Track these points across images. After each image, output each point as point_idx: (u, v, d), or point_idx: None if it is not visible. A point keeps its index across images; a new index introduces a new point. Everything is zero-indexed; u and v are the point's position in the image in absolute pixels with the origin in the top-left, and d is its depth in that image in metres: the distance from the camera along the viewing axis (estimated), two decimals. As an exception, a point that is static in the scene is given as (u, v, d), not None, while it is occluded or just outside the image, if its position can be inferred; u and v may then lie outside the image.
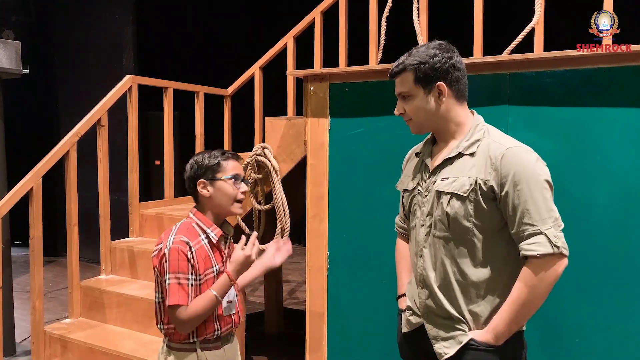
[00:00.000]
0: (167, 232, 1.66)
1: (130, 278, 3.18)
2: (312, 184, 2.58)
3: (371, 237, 2.42)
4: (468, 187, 1.39)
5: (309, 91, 2.56)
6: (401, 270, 1.72)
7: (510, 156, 1.37)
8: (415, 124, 1.51)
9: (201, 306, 1.58)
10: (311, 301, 2.61)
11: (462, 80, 1.47)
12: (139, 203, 3.46)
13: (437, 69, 1.43)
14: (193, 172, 1.69)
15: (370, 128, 2.44)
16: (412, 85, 1.45)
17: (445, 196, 1.43)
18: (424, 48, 1.47)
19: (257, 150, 2.75)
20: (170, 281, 1.57)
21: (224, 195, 1.67)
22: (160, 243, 1.63)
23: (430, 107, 1.45)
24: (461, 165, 1.44)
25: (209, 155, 1.70)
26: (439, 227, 1.45)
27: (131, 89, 3.32)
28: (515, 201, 1.34)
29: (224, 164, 1.68)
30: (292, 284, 5.26)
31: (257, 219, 2.87)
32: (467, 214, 1.40)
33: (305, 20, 3.24)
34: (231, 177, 1.67)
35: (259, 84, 3.65)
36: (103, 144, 3.18)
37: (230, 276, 1.61)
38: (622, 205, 1.90)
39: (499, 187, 1.36)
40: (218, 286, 1.61)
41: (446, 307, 1.44)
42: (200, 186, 1.68)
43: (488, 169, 1.38)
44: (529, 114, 2.06)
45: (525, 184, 1.33)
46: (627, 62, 1.89)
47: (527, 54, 2.07)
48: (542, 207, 1.33)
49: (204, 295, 1.60)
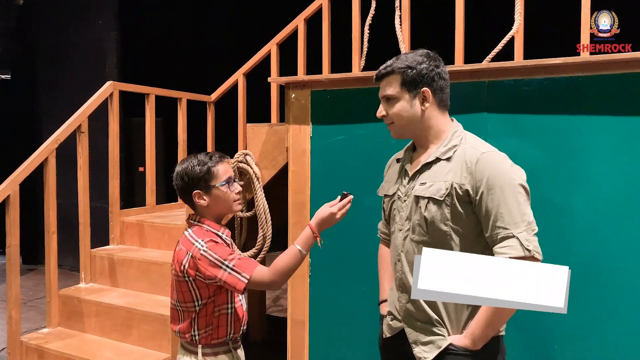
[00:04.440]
0: (186, 242, 1.62)
1: (110, 286, 3.14)
2: (293, 191, 2.57)
3: (353, 244, 2.42)
4: (444, 191, 1.41)
5: (291, 98, 2.56)
6: (383, 276, 1.73)
7: (484, 161, 1.39)
8: (397, 128, 1.52)
9: (286, 261, 1.55)
10: (293, 309, 2.59)
11: (445, 90, 1.50)
12: (120, 210, 3.42)
13: (423, 75, 1.45)
14: (185, 184, 1.66)
15: (351, 135, 2.44)
16: (398, 88, 1.47)
17: (423, 200, 1.45)
18: (412, 54, 1.49)
19: (239, 157, 2.73)
20: (231, 264, 1.55)
21: (221, 201, 1.66)
22: (185, 255, 1.59)
23: (414, 111, 1.47)
24: (438, 170, 1.46)
25: (197, 162, 1.66)
26: (417, 231, 1.46)
27: (112, 95, 3.29)
28: (489, 204, 1.36)
29: (215, 170, 1.65)
30: (276, 291, 5.22)
31: (238, 226, 2.85)
32: (444, 218, 1.41)
33: (288, 27, 3.24)
34: (225, 183, 1.66)
35: (242, 90, 3.64)
36: (83, 150, 3.14)
37: (313, 229, 1.57)
38: (602, 213, 1.92)
39: (474, 191, 1.38)
40: (301, 240, 1.57)
41: (426, 310, 1.45)
42: (196, 197, 1.65)
43: (463, 173, 1.40)
44: (507, 121, 2.08)
45: (498, 187, 1.35)
46: (602, 71, 1.92)
47: (505, 62, 2.10)
48: (514, 211, 1.34)
49: (288, 250, 1.57)
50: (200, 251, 1.57)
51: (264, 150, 2.80)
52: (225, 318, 1.66)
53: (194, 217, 1.70)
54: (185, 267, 1.59)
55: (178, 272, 1.62)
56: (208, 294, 1.62)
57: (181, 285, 1.63)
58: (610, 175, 1.91)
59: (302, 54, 3.13)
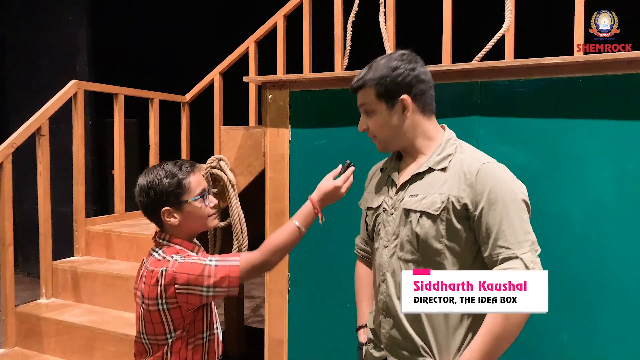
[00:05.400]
0: (156, 263, 1.41)
1: (73, 302, 2.91)
2: (271, 199, 2.39)
3: (336, 258, 2.26)
4: (440, 204, 1.26)
5: (268, 99, 2.38)
6: (361, 299, 1.57)
7: (486, 172, 1.25)
8: (380, 142, 1.38)
9: (281, 239, 1.40)
10: (271, 327, 2.41)
11: (428, 93, 1.35)
12: (86, 219, 3.19)
13: (399, 83, 1.31)
14: (151, 200, 1.43)
15: (333, 139, 2.28)
16: (374, 100, 1.33)
17: (414, 214, 1.29)
18: (385, 60, 1.34)
19: (212, 163, 2.54)
20: (214, 258, 1.39)
21: (195, 218, 1.45)
22: (157, 274, 1.38)
23: (395, 123, 1.33)
24: (432, 181, 1.30)
25: (165, 173, 1.43)
26: (407, 248, 1.31)
27: (77, 95, 3.07)
28: (490, 221, 1.22)
29: (187, 183, 1.44)
30: (256, 300, 5.02)
31: (212, 236, 2.66)
32: (439, 234, 1.26)
33: (267, 24, 3.08)
34: (199, 197, 1.45)
35: (218, 90, 3.46)
36: (43, 155, 2.90)
37: (315, 204, 1.42)
38: (598, 220, 1.81)
39: (473, 205, 1.24)
40: (300, 216, 1.42)
41: (413, 338, 1.29)
42: (165, 215, 1.43)
43: (462, 186, 1.26)
44: (501, 125, 1.95)
45: (501, 202, 1.22)
46: (603, 71, 1.80)
47: (499, 61, 1.96)
48: (518, 229, 1.21)
49: (285, 226, 1.41)
50: (177, 262, 1.38)
51: (240, 155, 2.62)
52: (201, 349, 1.46)
53: (163, 235, 1.48)
54: (161, 287, 1.37)
55: (148, 298, 1.40)
56: (183, 325, 1.42)
57: (152, 316, 1.40)
58: (609, 182, 1.80)
59: (281, 52, 2.97)
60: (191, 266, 1.37)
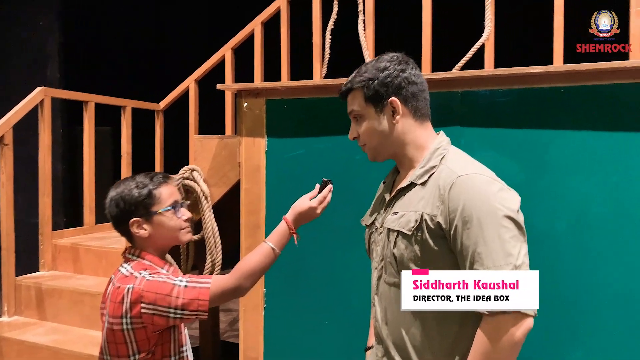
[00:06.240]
0: (123, 279, 1.32)
1: (37, 320, 2.76)
2: (246, 212, 2.30)
3: (313, 273, 2.18)
4: (413, 223, 1.16)
5: (243, 107, 2.29)
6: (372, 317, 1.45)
7: (460, 186, 1.12)
8: (370, 150, 1.28)
9: (255, 261, 1.34)
10: (245, 344, 2.32)
11: (420, 96, 1.25)
12: (53, 232, 3.04)
13: (387, 84, 1.22)
14: (120, 210, 1.37)
15: (311, 149, 2.21)
16: (363, 104, 1.25)
17: (393, 234, 1.21)
18: (374, 62, 1.26)
19: (185, 174, 2.43)
20: (184, 279, 1.31)
21: (166, 230, 1.39)
22: (124, 291, 1.30)
23: (383, 128, 1.23)
24: (411, 197, 1.21)
25: (136, 184, 1.38)
26: (389, 271, 1.22)
27: (43, 103, 2.93)
28: (465, 241, 1.09)
29: (157, 193, 1.38)
30: (233, 313, 4.88)
31: (184, 250, 2.55)
32: (415, 256, 1.15)
33: (244, 31, 2.99)
34: (170, 207, 1.39)
35: (194, 98, 3.36)
36: (6, 165, 2.75)
37: (289, 224, 1.38)
38: (582, 233, 1.77)
39: (447, 224, 1.12)
40: (275, 237, 1.37)
41: None
42: (134, 227, 1.37)
43: (436, 202, 1.15)
44: (483, 135, 1.90)
45: (476, 220, 1.08)
46: (585, 81, 1.77)
47: (480, 70, 1.92)
48: (496, 251, 1.07)
49: (259, 248, 1.36)
50: (145, 279, 1.30)
51: (214, 165, 2.52)
52: None
53: (133, 250, 1.41)
54: (127, 305, 1.28)
55: (113, 317, 1.31)
56: (148, 347, 1.32)
57: (115, 336, 1.32)
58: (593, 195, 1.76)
59: (259, 60, 2.88)
60: (159, 285, 1.29)
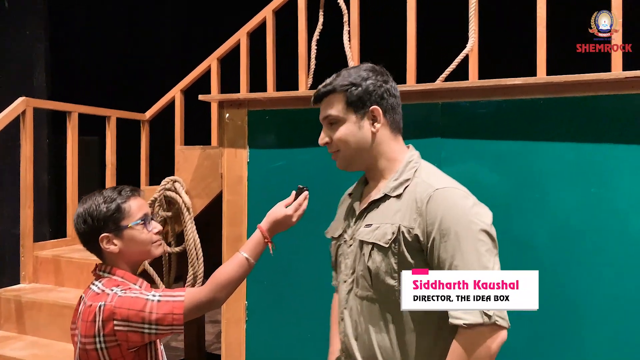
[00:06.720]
0: (94, 297, 1.29)
1: (16, 334, 2.70)
2: (228, 223, 2.28)
3: (295, 286, 2.16)
4: (390, 236, 1.15)
5: (225, 118, 2.28)
6: (333, 334, 1.42)
7: (438, 199, 1.13)
8: (343, 157, 1.26)
9: (229, 272, 1.31)
10: (227, 358, 2.28)
11: (397, 110, 1.26)
12: (34, 244, 2.99)
13: (371, 92, 1.22)
14: (88, 227, 1.33)
15: (293, 161, 2.20)
16: (343, 109, 1.23)
17: (367, 247, 1.19)
18: (355, 69, 1.26)
19: (166, 185, 2.41)
20: (157, 293, 1.29)
21: (136, 244, 1.36)
22: (95, 309, 1.26)
23: (363, 134, 1.22)
24: (385, 209, 1.20)
25: (103, 199, 1.35)
26: (362, 284, 1.20)
27: (25, 113, 2.89)
28: (442, 255, 1.10)
29: (126, 207, 1.35)
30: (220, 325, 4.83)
31: (166, 263, 2.52)
32: (391, 269, 1.15)
33: (230, 41, 2.99)
34: (140, 221, 1.36)
35: (179, 108, 3.33)
36: (-14, 175, 2.72)
37: (264, 233, 1.33)
38: (564, 245, 1.77)
39: (425, 237, 1.13)
40: (249, 246, 1.33)
41: None
42: (104, 242, 1.33)
43: (413, 215, 1.15)
44: (463, 147, 1.90)
45: (453, 233, 1.10)
46: (565, 93, 1.78)
47: (460, 82, 1.92)
48: (473, 264, 1.08)
49: (233, 259, 1.33)
50: (117, 295, 1.27)
51: (197, 176, 2.50)
52: None
53: (104, 267, 1.37)
54: (99, 323, 1.25)
55: (85, 336, 1.28)
56: None
57: (88, 356, 1.28)
58: (575, 206, 1.76)
59: (244, 70, 2.87)
60: (132, 300, 1.26)
